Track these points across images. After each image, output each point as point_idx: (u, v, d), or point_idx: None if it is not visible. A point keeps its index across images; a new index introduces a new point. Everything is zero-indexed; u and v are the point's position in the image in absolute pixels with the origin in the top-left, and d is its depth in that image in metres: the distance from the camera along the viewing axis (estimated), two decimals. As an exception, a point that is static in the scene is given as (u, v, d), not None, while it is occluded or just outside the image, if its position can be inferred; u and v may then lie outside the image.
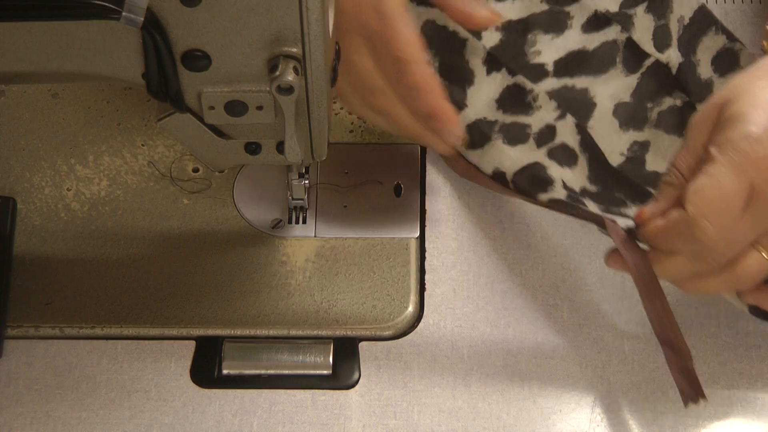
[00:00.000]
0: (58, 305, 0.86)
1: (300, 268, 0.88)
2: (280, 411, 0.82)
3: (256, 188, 0.91)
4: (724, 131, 0.72)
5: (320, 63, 0.70)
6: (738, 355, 0.84)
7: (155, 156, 0.93)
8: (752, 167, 0.70)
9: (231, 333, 0.85)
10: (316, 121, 0.74)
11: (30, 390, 0.83)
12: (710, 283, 0.76)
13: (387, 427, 0.82)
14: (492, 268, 0.88)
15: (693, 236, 0.72)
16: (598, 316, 0.86)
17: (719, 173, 0.71)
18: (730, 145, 0.71)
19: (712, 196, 0.71)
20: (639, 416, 0.82)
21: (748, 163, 0.70)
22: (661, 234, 0.75)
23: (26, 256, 0.88)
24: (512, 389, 0.83)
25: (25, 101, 0.95)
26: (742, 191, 0.71)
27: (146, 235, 0.89)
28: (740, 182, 0.71)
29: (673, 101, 0.89)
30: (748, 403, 0.82)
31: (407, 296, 0.87)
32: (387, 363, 0.84)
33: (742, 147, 0.71)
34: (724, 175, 0.71)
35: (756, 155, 0.70)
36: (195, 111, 0.73)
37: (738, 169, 0.71)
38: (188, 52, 0.68)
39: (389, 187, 0.91)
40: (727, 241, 0.72)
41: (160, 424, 0.82)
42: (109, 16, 0.64)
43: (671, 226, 0.74)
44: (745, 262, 0.74)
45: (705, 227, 0.71)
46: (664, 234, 0.75)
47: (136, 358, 0.84)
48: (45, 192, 0.91)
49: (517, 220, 0.90)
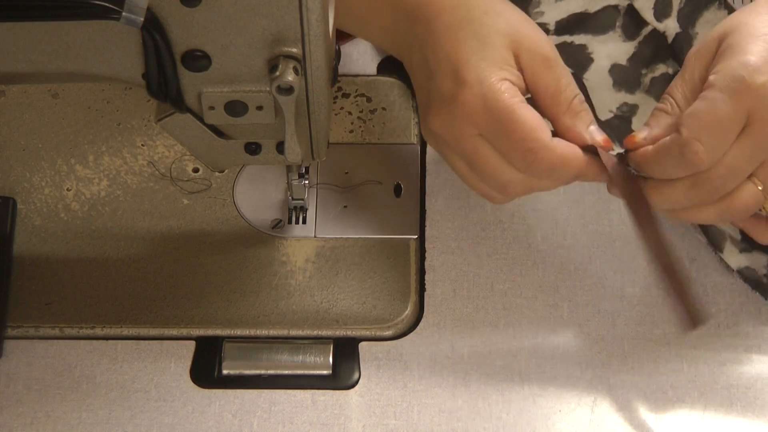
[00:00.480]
0: (58, 305, 0.86)
1: (300, 268, 0.88)
2: (280, 411, 0.82)
3: (256, 188, 0.91)
4: (723, 60, 0.73)
5: (320, 63, 0.70)
6: (738, 355, 0.84)
7: (155, 156, 0.93)
8: (750, 95, 0.71)
9: (231, 333, 0.85)
10: (316, 121, 0.74)
11: (30, 390, 0.83)
12: (705, 212, 0.76)
13: (387, 427, 0.82)
14: (492, 268, 0.88)
15: (685, 159, 0.72)
16: (598, 316, 0.86)
17: (716, 98, 0.71)
18: (728, 71, 0.72)
19: (706, 120, 0.72)
20: (639, 416, 0.82)
21: (746, 91, 0.71)
22: (653, 158, 0.75)
23: (26, 256, 0.88)
24: (512, 389, 0.83)
25: (25, 101, 0.95)
26: (738, 118, 0.71)
27: (146, 235, 0.89)
28: (736, 109, 0.71)
29: (666, 69, 0.90)
30: (748, 403, 0.82)
31: (407, 296, 0.87)
32: (387, 363, 0.84)
33: (741, 74, 0.71)
34: (721, 100, 0.71)
35: (754, 83, 0.71)
36: (195, 111, 0.73)
37: (735, 95, 0.71)
38: (188, 52, 0.68)
39: (389, 187, 0.91)
40: (725, 170, 0.73)
41: (160, 424, 0.82)
42: (109, 16, 0.64)
43: (664, 149, 0.74)
44: (741, 194, 0.74)
45: (698, 149, 0.72)
46: (656, 158, 0.75)
47: (136, 358, 0.84)
48: (45, 192, 0.91)
49: (517, 220, 0.90)
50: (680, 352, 0.84)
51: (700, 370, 0.83)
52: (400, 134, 0.94)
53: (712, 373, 0.83)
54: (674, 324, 0.85)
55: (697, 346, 0.84)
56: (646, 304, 0.86)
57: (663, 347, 0.84)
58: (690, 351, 0.84)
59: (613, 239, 0.89)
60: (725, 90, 0.71)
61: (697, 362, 0.84)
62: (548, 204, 0.90)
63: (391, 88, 0.95)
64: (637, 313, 0.86)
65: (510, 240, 0.89)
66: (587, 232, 0.89)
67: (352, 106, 0.95)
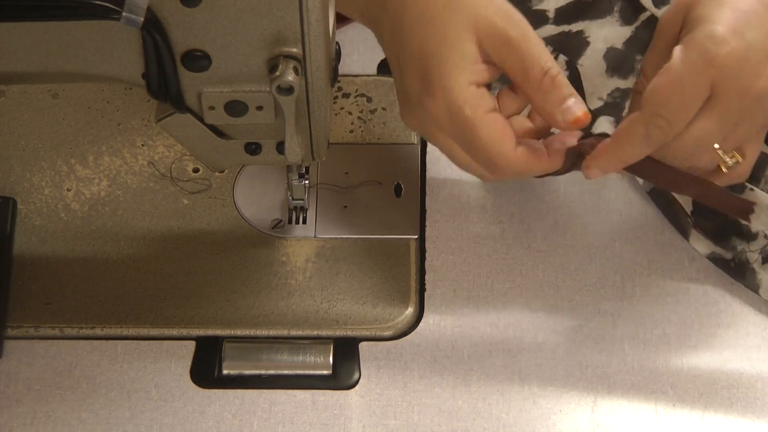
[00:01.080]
0: (58, 305, 0.86)
1: (300, 268, 0.88)
2: (280, 411, 0.82)
3: (256, 188, 0.91)
4: (690, 31, 0.72)
5: (320, 63, 0.70)
6: (738, 355, 0.84)
7: (155, 156, 0.93)
8: (714, 67, 0.71)
9: (231, 333, 0.85)
10: (316, 121, 0.74)
11: (30, 390, 0.83)
12: None
13: (387, 427, 0.82)
14: (492, 268, 0.88)
15: (649, 135, 0.73)
16: (598, 316, 0.86)
17: (677, 70, 0.71)
18: (693, 44, 0.72)
19: (667, 94, 0.72)
20: (639, 416, 0.82)
21: (710, 63, 0.71)
22: (622, 136, 0.75)
23: (26, 256, 0.88)
24: (512, 389, 0.83)
25: (25, 101, 0.95)
26: (700, 90, 0.71)
27: (146, 235, 0.89)
28: (698, 82, 0.71)
29: None
30: (748, 403, 0.82)
31: (407, 296, 0.87)
32: (387, 363, 0.84)
33: (706, 46, 0.71)
34: (683, 72, 0.71)
35: (719, 55, 0.71)
36: (195, 111, 0.73)
37: (697, 69, 0.71)
38: (188, 52, 0.68)
39: (389, 187, 0.91)
40: (692, 141, 0.73)
41: (160, 425, 0.82)
42: (109, 16, 0.64)
43: (631, 126, 0.74)
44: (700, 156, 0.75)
45: (660, 124, 0.72)
46: (625, 136, 0.75)
47: (136, 359, 0.84)
48: (45, 192, 0.91)
49: (517, 220, 0.90)
50: (680, 352, 0.84)
51: (700, 370, 0.83)
52: (400, 134, 0.94)
53: (712, 373, 0.83)
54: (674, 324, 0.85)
55: (697, 346, 0.84)
56: (646, 304, 0.86)
57: (663, 347, 0.84)
58: (690, 351, 0.84)
59: (613, 239, 0.89)
60: (688, 63, 0.71)
61: (697, 362, 0.84)
62: (548, 204, 0.90)
63: (391, 88, 0.95)
64: (637, 313, 0.86)
65: (510, 240, 0.89)
66: (587, 232, 0.89)
67: (352, 106, 0.95)
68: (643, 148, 0.75)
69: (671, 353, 0.84)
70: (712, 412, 0.82)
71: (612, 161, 0.76)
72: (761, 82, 0.72)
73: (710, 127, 0.73)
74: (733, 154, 0.76)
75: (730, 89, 0.71)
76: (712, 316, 0.86)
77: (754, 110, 0.73)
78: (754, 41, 0.71)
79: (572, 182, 0.91)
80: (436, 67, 0.74)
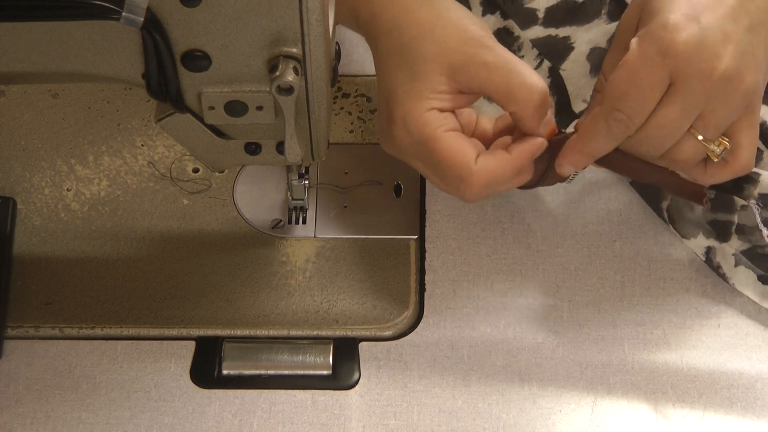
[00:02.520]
0: (58, 305, 0.86)
1: (300, 268, 0.88)
2: (280, 411, 0.82)
3: (256, 188, 0.91)
4: (645, 25, 0.73)
5: (320, 63, 0.70)
6: (738, 355, 0.84)
7: (155, 156, 0.93)
8: (670, 56, 0.71)
9: (231, 333, 0.85)
10: (316, 121, 0.74)
11: (30, 390, 0.83)
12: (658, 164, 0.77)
13: (387, 427, 0.82)
14: (492, 268, 0.88)
15: (610, 129, 0.74)
16: (598, 316, 0.86)
17: (632, 64, 0.72)
18: (647, 36, 0.72)
19: (624, 88, 0.72)
20: (639, 416, 0.82)
21: (665, 52, 0.71)
22: (586, 132, 0.76)
23: (26, 256, 0.88)
24: (512, 389, 0.83)
25: (25, 101, 0.95)
26: (658, 80, 0.72)
27: (146, 235, 0.89)
28: (654, 73, 0.71)
29: None
30: (748, 403, 0.82)
31: (407, 296, 0.87)
32: (387, 363, 0.84)
33: (660, 36, 0.71)
34: (638, 65, 0.72)
35: (674, 42, 0.71)
36: (195, 111, 0.73)
37: (652, 59, 0.71)
38: (188, 52, 0.68)
39: (389, 187, 0.91)
40: (656, 129, 0.73)
41: (160, 425, 0.82)
42: (109, 16, 0.64)
43: (593, 122, 0.75)
44: (682, 147, 0.75)
45: (619, 118, 0.73)
46: (588, 131, 0.75)
47: (136, 359, 0.84)
48: (45, 192, 0.91)
49: (517, 220, 0.90)
50: (680, 352, 0.84)
51: (700, 370, 0.83)
52: (400, 134, 0.94)
53: (712, 373, 0.83)
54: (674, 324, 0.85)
55: (697, 346, 0.84)
56: (646, 304, 0.86)
57: (663, 347, 0.84)
58: (690, 351, 0.84)
59: (613, 239, 0.89)
60: (643, 54, 0.72)
61: (697, 362, 0.84)
62: (548, 204, 0.90)
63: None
64: (637, 313, 0.86)
65: (510, 240, 0.89)
66: (587, 232, 0.89)
67: (352, 106, 0.95)
68: (606, 142, 0.75)
69: (671, 353, 0.84)
70: (712, 412, 0.82)
71: (580, 157, 0.77)
72: (723, 62, 0.72)
73: (673, 114, 0.73)
74: (720, 142, 0.75)
75: (690, 74, 0.71)
76: (712, 316, 0.86)
77: (723, 92, 0.73)
78: (710, 24, 0.71)
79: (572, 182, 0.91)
80: (401, 98, 0.76)
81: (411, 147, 0.77)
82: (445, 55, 0.76)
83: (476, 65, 0.75)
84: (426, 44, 0.76)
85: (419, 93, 0.76)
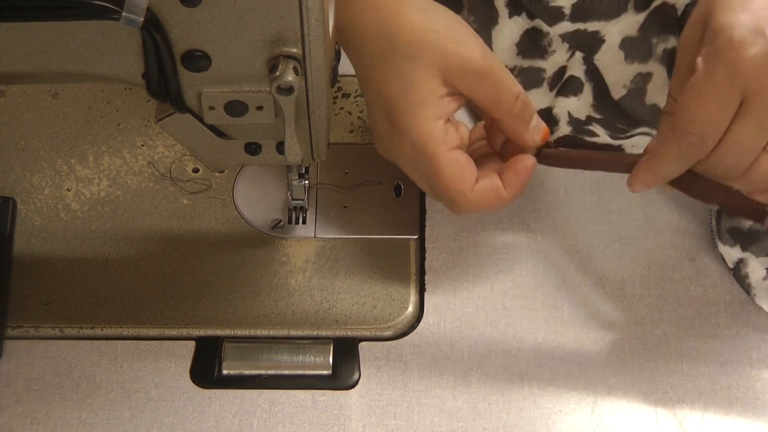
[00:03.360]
0: (58, 305, 0.86)
1: (300, 268, 0.88)
2: (280, 411, 0.82)
3: (256, 188, 0.91)
4: (709, 44, 0.71)
5: (320, 63, 0.70)
6: (738, 355, 0.84)
7: (155, 156, 0.93)
8: (739, 74, 0.70)
9: (231, 333, 0.85)
10: (316, 121, 0.74)
11: (30, 390, 0.83)
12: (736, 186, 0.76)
13: (387, 427, 0.82)
14: (492, 268, 0.88)
15: (683, 152, 0.73)
16: (598, 316, 0.86)
17: (700, 85, 0.71)
18: (714, 55, 0.70)
19: (694, 110, 0.71)
20: (639, 417, 0.82)
21: (734, 71, 0.70)
22: (657, 155, 0.75)
23: (26, 256, 0.88)
24: (512, 389, 0.83)
25: (25, 101, 0.95)
26: (729, 98, 0.70)
27: (146, 235, 0.89)
28: (724, 93, 0.70)
29: (677, 41, 0.89)
30: (748, 403, 0.82)
31: (407, 296, 0.87)
32: (387, 363, 0.84)
33: (728, 54, 0.70)
34: (706, 86, 0.70)
35: (743, 60, 0.69)
36: (195, 111, 0.73)
37: (721, 79, 0.70)
38: (188, 52, 0.68)
39: (389, 187, 0.91)
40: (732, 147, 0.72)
41: (160, 425, 0.82)
42: (109, 16, 0.64)
43: (664, 146, 0.74)
44: (759, 167, 0.73)
45: (692, 141, 0.72)
46: (661, 155, 0.75)
47: (136, 359, 0.84)
48: (45, 192, 0.91)
49: (517, 220, 0.90)
50: (680, 352, 0.84)
51: (700, 370, 0.83)
52: (400, 134, 0.94)
53: (712, 373, 0.83)
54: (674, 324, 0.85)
55: (697, 346, 0.84)
56: (646, 304, 0.86)
57: (663, 347, 0.84)
58: (690, 351, 0.84)
59: (613, 239, 0.89)
60: (710, 74, 0.70)
61: (697, 362, 0.84)
62: (548, 204, 0.90)
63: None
64: (637, 313, 0.86)
65: (510, 240, 0.89)
66: (587, 232, 0.89)
67: (352, 106, 0.95)
68: (680, 164, 0.74)
69: (671, 353, 0.84)
70: (712, 412, 0.82)
71: (653, 178, 0.76)
72: None
73: (747, 132, 0.71)
74: None
75: (760, 90, 0.70)
76: (712, 316, 0.86)
77: None
78: None
79: (572, 182, 0.91)
80: (403, 106, 0.77)
81: (413, 158, 0.78)
82: (441, 58, 0.76)
83: (470, 71, 0.76)
84: (422, 49, 0.76)
85: (421, 101, 0.76)
